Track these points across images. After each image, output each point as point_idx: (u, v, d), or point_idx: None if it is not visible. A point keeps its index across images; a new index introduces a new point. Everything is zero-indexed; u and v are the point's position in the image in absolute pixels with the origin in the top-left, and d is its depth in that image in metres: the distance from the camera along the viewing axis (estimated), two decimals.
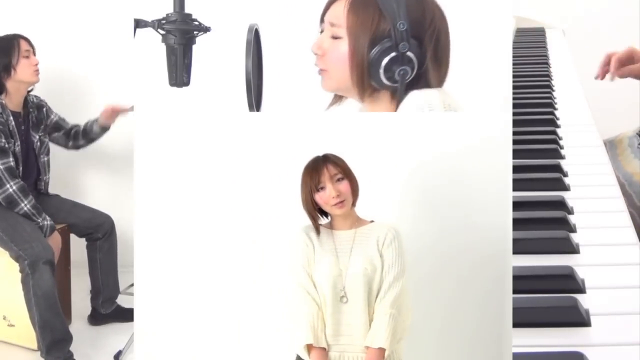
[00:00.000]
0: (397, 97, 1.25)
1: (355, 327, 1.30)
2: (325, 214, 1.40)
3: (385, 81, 1.24)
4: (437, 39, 1.26)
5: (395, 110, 1.26)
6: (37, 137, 2.75)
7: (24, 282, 2.48)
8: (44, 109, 2.80)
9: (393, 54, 1.22)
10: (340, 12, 1.26)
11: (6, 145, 2.54)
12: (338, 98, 1.39)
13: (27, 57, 2.65)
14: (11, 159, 2.55)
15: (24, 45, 2.65)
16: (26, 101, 2.71)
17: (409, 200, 1.73)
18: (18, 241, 2.51)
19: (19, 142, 2.63)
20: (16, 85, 2.64)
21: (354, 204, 1.39)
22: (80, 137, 2.89)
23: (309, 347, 1.29)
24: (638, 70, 1.95)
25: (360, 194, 1.40)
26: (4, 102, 2.60)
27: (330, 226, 1.40)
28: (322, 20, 1.31)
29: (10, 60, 2.61)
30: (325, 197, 1.34)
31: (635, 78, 1.96)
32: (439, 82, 1.29)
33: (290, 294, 1.37)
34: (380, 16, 1.23)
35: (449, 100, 1.25)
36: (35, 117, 2.74)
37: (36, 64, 2.66)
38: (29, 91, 2.71)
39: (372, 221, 1.40)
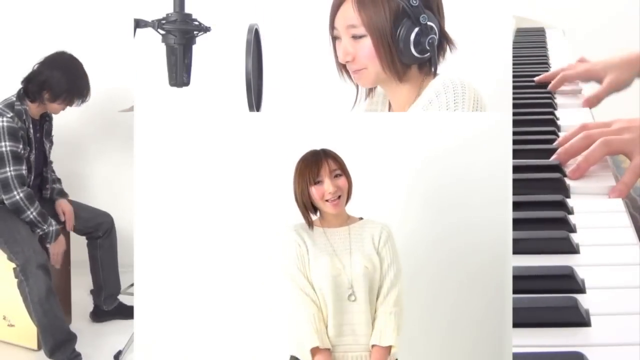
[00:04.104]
0: (433, 64, 1.34)
1: (358, 326, 1.30)
2: (315, 210, 1.38)
3: (417, 55, 1.32)
4: (438, 5, 1.37)
5: (431, 77, 1.36)
6: (48, 144, 2.78)
7: (20, 288, 2.50)
8: (51, 121, 2.84)
9: (417, 28, 1.30)
10: (351, 13, 1.32)
11: (22, 152, 2.55)
12: (369, 92, 1.47)
13: (69, 103, 2.67)
14: (24, 166, 2.56)
15: (79, 96, 2.67)
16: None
17: (407, 201, 1.73)
18: (11, 244, 2.53)
19: (34, 151, 2.65)
20: (45, 106, 2.66)
21: (346, 203, 1.38)
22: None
23: (314, 350, 1.28)
24: (607, 90, 1.90)
25: (359, 194, 1.39)
26: (27, 108, 2.60)
27: (321, 224, 1.38)
28: (332, 28, 1.36)
29: (62, 93, 2.61)
30: (322, 191, 1.32)
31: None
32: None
33: (287, 297, 1.35)
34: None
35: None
36: (47, 127, 2.77)
37: (65, 108, 2.69)
38: None
39: (360, 218, 1.40)
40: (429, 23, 1.30)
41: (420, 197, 1.74)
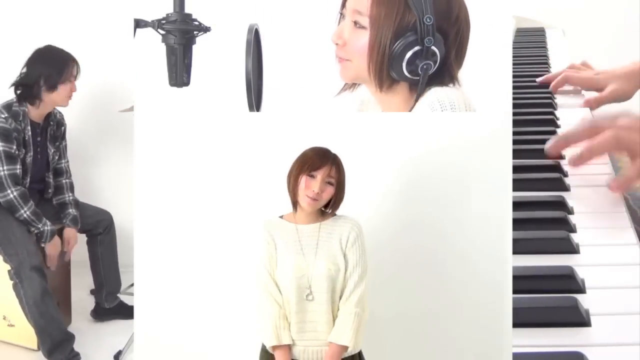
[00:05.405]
0: (417, 90, 1.24)
1: (319, 324, 1.35)
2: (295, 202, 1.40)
3: (407, 74, 1.23)
4: (461, 36, 1.26)
5: (414, 103, 1.25)
6: (53, 149, 2.76)
7: (15, 290, 2.50)
8: (62, 128, 2.82)
9: (417, 47, 1.20)
10: (365, 0, 1.23)
11: (16, 153, 2.55)
12: (351, 85, 1.37)
13: (71, 81, 2.66)
14: (18, 166, 2.56)
15: (73, 70, 2.67)
16: (49, 114, 2.72)
17: (408, 201, 1.73)
18: (5, 246, 2.53)
19: (32, 153, 2.64)
20: (48, 102, 2.65)
21: (327, 208, 1.40)
22: (54, 195, 2.83)
23: (273, 347, 1.35)
24: (608, 98, 1.88)
25: (358, 194, 1.40)
26: (26, 110, 2.60)
27: (295, 219, 1.41)
28: (343, 6, 1.28)
29: (58, 78, 2.61)
30: (309, 184, 1.35)
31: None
32: (456, 78, 1.29)
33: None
34: (406, 8, 1.21)
35: (469, 101, 1.25)
36: (53, 131, 2.76)
37: (73, 91, 2.68)
38: None
39: (334, 214, 1.42)
40: (432, 47, 1.21)
41: (420, 197, 1.74)
